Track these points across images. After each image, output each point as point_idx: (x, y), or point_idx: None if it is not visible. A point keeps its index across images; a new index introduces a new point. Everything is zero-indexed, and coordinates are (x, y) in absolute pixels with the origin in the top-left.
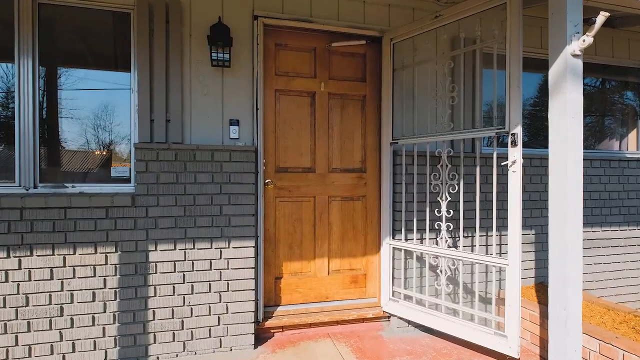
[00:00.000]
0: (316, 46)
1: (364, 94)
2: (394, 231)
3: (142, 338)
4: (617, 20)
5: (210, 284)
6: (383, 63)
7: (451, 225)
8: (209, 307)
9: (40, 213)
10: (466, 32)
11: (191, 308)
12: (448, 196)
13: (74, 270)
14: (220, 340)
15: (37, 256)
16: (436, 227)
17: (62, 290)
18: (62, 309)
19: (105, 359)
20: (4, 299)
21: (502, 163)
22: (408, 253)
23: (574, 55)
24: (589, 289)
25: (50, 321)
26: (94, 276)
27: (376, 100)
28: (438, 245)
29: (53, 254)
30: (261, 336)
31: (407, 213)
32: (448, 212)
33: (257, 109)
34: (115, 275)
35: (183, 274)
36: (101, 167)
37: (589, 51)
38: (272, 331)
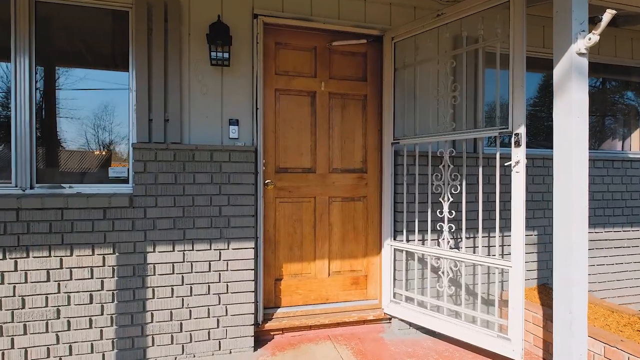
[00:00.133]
0: (317, 45)
1: (365, 94)
2: (395, 232)
3: (141, 341)
4: (620, 19)
5: (209, 286)
6: (384, 62)
7: (453, 226)
8: (208, 309)
9: (36, 214)
10: (468, 31)
11: (190, 310)
12: (450, 197)
13: (71, 272)
14: (219, 342)
15: (34, 258)
16: (438, 228)
17: (59, 292)
18: (59, 311)
19: None
20: (0, 301)
21: (506, 163)
22: (409, 254)
23: (580, 53)
24: (592, 291)
25: (46, 324)
26: (91, 278)
27: (377, 99)
28: (440, 246)
29: (50, 256)
30: (261, 338)
31: (409, 214)
32: (450, 213)
33: (257, 109)
34: (112, 277)
35: (182, 276)
36: (99, 168)
37: (593, 50)
38: (272, 333)
